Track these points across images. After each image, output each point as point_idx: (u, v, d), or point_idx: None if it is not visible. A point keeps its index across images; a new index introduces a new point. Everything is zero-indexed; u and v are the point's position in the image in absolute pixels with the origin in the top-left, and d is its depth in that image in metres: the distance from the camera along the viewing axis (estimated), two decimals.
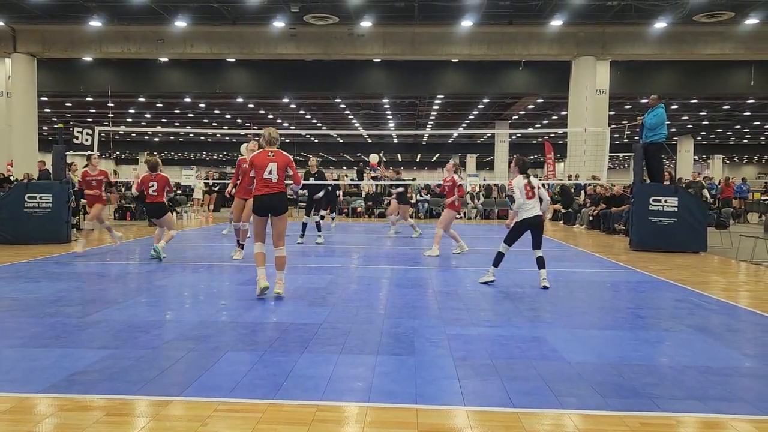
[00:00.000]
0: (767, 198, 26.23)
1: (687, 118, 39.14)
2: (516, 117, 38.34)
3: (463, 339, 4.86)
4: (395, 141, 57.06)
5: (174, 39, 21.33)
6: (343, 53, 21.94)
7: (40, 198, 11.52)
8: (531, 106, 34.35)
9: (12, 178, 20.00)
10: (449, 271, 8.83)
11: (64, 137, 12.61)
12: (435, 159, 64.98)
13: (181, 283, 7.61)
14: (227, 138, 54.59)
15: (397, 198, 14.30)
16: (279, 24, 20.55)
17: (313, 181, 12.25)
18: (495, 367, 4.12)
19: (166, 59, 23.97)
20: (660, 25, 20.09)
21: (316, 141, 55.27)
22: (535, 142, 47.64)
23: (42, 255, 9.68)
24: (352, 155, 63.38)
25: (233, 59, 23.88)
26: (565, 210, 19.97)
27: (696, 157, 49.60)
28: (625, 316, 5.90)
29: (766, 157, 61.44)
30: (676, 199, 11.33)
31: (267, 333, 5.01)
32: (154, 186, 9.35)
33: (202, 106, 36.10)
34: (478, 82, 26.03)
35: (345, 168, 63.16)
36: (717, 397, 3.64)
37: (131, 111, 38.50)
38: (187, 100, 33.03)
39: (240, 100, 33.10)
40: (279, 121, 42.76)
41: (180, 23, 20.43)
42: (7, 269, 8.37)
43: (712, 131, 47.41)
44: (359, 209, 22.75)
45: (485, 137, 46.76)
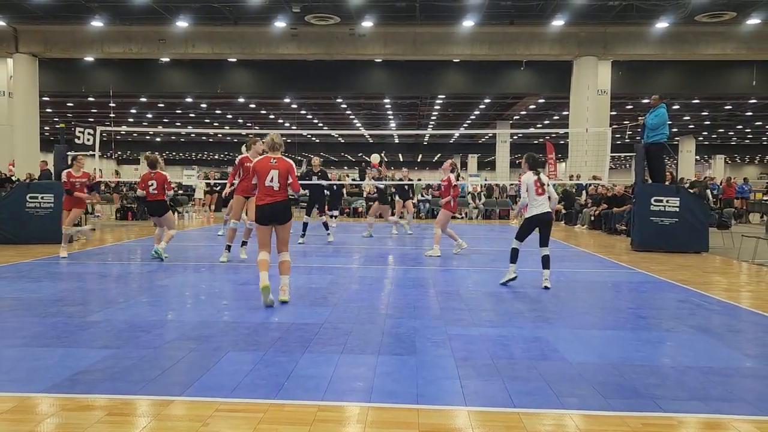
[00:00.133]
0: None
1: (689, 118, 39.11)
2: (517, 117, 38.33)
3: (464, 339, 4.86)
4: (396, 141, 57.07)
5: (175, 39, 21.35)
6: (345, 53, 21.95)
7: (42, 198, 11.54)
8: (532, 106, 34.33)
9: (14, 178, 20.03)
10: (450, 271, 8.83)
11: (65, 137, 12.63)
12: (436, 159, 64.95)
13: (183, 283, 7.62)
14: (229, 138, 54.62)
15: (378, 198, 14.22)
16: (280, 24, 20.56)
17: (317, 180, 12.26)
18: (496, 368, 4.12)
19: (167, 59, 24.00)
20: (662, 25, 20.07)
21: (318, 141, 55.30)
22: (536, 142, 47.58)
23: (44, 255, 9.70)
24: (354, 155, 63.40)
25: (235, 59, 23.90)
26: (566, 210, 19.96)
27: (698, 157, 49.54)
28: (627, 316, 5.90)
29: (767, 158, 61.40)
30: (678, 199, 11.32)
31: (268, 333, 5.01)
32: (153, 184, 9.30)
33: (204, 106, 36.12)
34: (480, 82, 26.02)
35: (346, 168, 63.18)
36: (718, 398, 3.64)
37: (133, 111, 38.53)
38: (189, 100, 33.06)
39: (241, 100, 33.12)
40: (280, 121, 42.78)
41: (181, 23, 20.45)
42: (9, 269, 8.39)
43: (713, 131, 47.36)
44: (360, 209, 22.75)
45: (486, 137, 46.73)
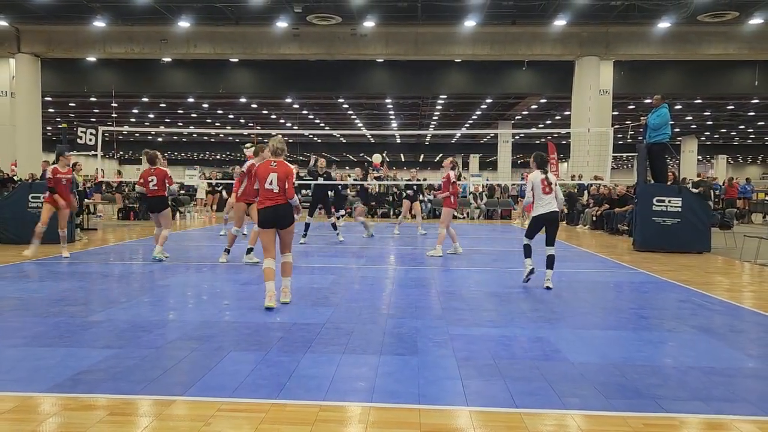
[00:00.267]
0: None
1: (691, 118, 39.06)
2: (519, 117, 38.30)
3: (466, 339, 4.86)
4: (398, 141, 57.05)
5: (177, 39, 21.38)
6: (346, 53, 21.95)
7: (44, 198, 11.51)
8: (534, 106, 34.31)
9: (16, 178, 20.06)
10: (452, 271, 8.82)
11: (67, 137, 12.65)
12: (438, 159, 64.95)
13: (184, 283, 7.62)
14: (230, 138, 54.65)
15: (359, 195, 14.13)
16: (282, 24, 20.57)
17: (322, 181, 12.26)
18: (498, 368, 4.12)
19: (169, 59, 24.02)
20: (664, 25, 20.05)
21: (319, 141, 55.31)
22: (538, 142, 47.54)
23: (46, 255, 9.70)
24: (355, 155, 63.40)
25: (236, 59, 23.92)
26: (568, 210, 19.93)
27: (700, 157, 49.47)
28: (629, 316, 5.89)
29: None
30: (680, 199, 11.30)
31: (270, 333, 5.01)
32: (153, 180, 9.26)
33: (206, 106, 36.15)
34: (481, 82, 26.00)
35: (348, 168, 63.15)
36: (720, 398, 3.64)
37: (135, 111, 38.59)
38: (191, 100, 33.10)
39: (243, 100, 33.14)
40: (282, 121, 42.80)
41: (183, 23, 20.47)
42: (11, 269, 8.40)
43: (716, 131, 47.29)
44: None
45: (488, 137, 46.71)
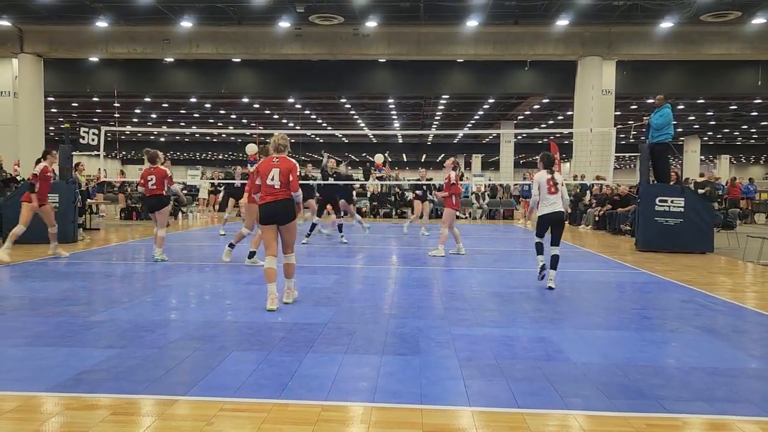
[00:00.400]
0: None
1: (693, 118, 38.99)
2: (521, 117, 38.28)
3: (468, 339, 4.86)
4: (400, 141, 57.04)
5: (180, 39, 21.40)
6: (349, 53, 21.96)
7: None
8: (536, 106, 34.27)
9: (18, 178, 20.08)
10: (454, 271, 8.81)
11: (70, 137, 12.66)
12: (440, 159, 64.89)
13: (187, 282, 7.63)
14: (233, 138, 54.70)
15: (345, 196, 13.85)
16: (284, 24, 20.58)
17: (333, 181, 12.27)
18: (500, 368, 4.12)
19: (171, 59, 24.05)
20: (666, 24, 20.02)
21: (322, 141, 55.32)
22: (540, 142, 47.51)
23: (48, 255, 9.71)
24: (357, 155, 63.38)
25: (239, 59, 23.94)
26: (571, 210, 19.91)
27: (702, 157, 49.37)
28: (631, 316, 5.88)
29: None
30: (683, 199, 11.28)
31: (272, 333, 5.01)
32: (152, 179, 9.24)
33: (208, 106, 36.19)
34: (484, 82, 25.99)
35: (350, 168, 63.03)
36: (723, 399, 3.63)
37: (137, 111, 38.65)
38: (193, 100, 33.14)
39: (245, 100, 33.17)
40: (284, 121, 42.83)
41: (186, 23, 20.49)
42: (13, 269, 8.42)
43: (718, 131, 47.22)
44: (364, 209, 22.75)
45: (490, 137, 46.70)
